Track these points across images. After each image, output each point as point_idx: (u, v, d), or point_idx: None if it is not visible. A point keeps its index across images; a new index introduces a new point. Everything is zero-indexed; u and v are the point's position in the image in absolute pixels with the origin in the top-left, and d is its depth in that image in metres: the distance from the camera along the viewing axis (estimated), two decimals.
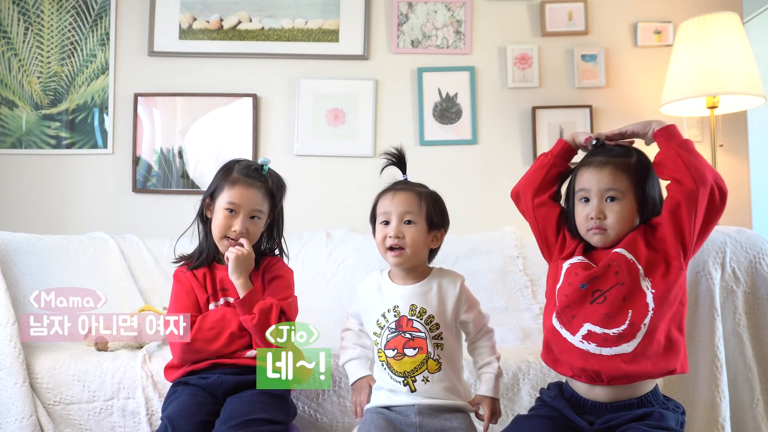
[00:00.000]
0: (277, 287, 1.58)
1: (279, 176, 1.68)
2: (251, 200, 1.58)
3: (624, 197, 1.35)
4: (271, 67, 2.83)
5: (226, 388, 1.48)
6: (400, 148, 1.55)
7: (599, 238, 1.36)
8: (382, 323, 1.45)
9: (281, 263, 1.66)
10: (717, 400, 1.64)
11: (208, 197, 1.63)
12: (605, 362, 1.28)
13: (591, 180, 1.36)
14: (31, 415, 1.64)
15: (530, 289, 2.27)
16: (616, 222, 1.34)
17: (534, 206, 1.48)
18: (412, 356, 1.40)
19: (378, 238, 1.48)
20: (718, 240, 1.72)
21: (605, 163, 1.36)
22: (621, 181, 1.35)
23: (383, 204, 1.49)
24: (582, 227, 1.39)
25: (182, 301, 1.57)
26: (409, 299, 1.45)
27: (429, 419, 1.36)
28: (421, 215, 1.46)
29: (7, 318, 1.71)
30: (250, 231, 1.59)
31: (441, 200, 1.53)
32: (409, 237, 1.44)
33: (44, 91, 2.82)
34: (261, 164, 1.63)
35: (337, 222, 2.63)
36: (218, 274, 1.60)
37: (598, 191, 1.35)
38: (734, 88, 2.41)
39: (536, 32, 2.84)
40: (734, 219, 2.72)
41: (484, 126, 2.81)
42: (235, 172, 1.60)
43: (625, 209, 1.35)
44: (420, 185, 1.52)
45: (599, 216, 1.34)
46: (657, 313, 1.28)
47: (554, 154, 1.48)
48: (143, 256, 2.40)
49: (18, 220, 2.70)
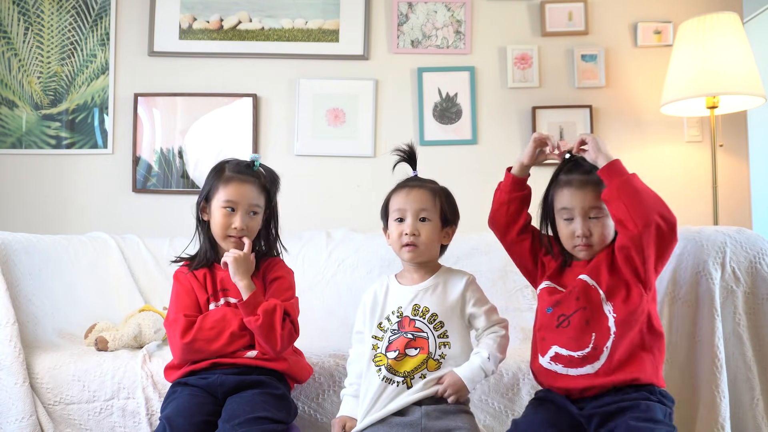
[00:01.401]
0: (278, 288, 1.58)
1: (271, 170, 1.68)
2: (248, 195, 1.58)
3: (606, 213, 1.40)
4: (271, 67, 2.83)
5: (226, 388, 1.48)
6: (411, 144, 1.57)
7: (586, 253, 1.42)
8: (385, 326, 1.45)
9: (281, 263, 1.66)
10: (717, 400, 1.64)
11: (203, 200, 1.63)
12: (572, 381, 1.36)
13: (574, 200, 1.41)
14: (31, 415, 1.64)
15: (530, 289, 2.27)
16: (600, 237, 1.41)
17: (507, 245, 1.55)
18: (413, 356, 1.40)
19: (393, 235, 1.48)
20: (718, 240, 1.72)
21: (585, 182, 1.41)
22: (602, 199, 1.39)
23: (397, 200, 1.49)
24: (567, 244, 1.44)
25: (183, 301, 1.57)
26: (412, 300, 1.45)
27: (434, 420, 1.36)
28: (436, 212, 1.47)
29: (7, 318, 1.71)
30: (250, 227, 1.58)
31: (452, 196, 1.54)
32: (424, 234, 1.45)
33: (44, 91, 2.82)
34: (252, 160, 1.63)
35: (337, 222, 2.63)
36: (219, 275, 1.60)
37: (582, 210, 1.41)
38: (734, 88, 2.41)
39: (536, 32, 2.84)
40: (734, 219, 2.73)
41: (484, 126, 2.81)
42: (228, 171, 1.60)
43: (608, 224, 1.41)
44: (432, 181, 1.53)
45: (586, 234, 1.40)
46: (618, 336, 1.34)
47: (507, 190, 1.51)
48: (143, 256, 2.40)
49: (18, 220, 2.70)
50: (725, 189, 2.70)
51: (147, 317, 1.94)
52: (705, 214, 2.72)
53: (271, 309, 1.48)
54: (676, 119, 2.76)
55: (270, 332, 1.46)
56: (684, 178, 2.77)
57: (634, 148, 2.78)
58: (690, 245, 1.73)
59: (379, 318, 1.47)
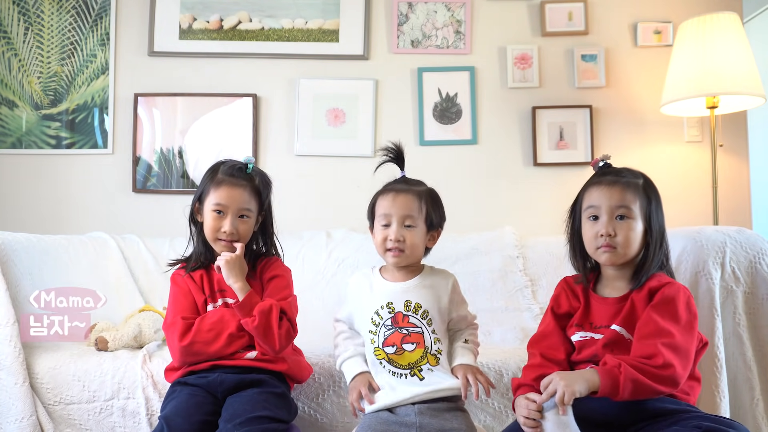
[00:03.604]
0: (276, 287, 1.58)
1: (264, 174, 1.67)
2: (237, 200, 1.57)
3: (633, 217, 1.35)
4: (271, 67, 2.83)
5: (226, 387, 1.48)
6: (398, 144, 1.56)
7: (608, 256, 1.36)
8: (377, 320, 1.46)
9: (278, 262, 1.66)
10: (717, 400, 1.64)
11: (197, 201, 1.63)
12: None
13: (601, 197, 1.36)
14: (31, 415, 1.64)
15: (530, 289, 2.27)
16: (625, 240, 1.34)
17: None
18: (411, 351, 1.42)
19: (378, 239, 1.48)
20: (718, 240, 1.72)
21: (615, 182, 1.36)
22: (631, 200, 1.35)
23: (383, 205, 1.49)
24: (590, 245, 1.39)
25: (180, 303, 1.57)
26: (403, 295, 1.46)
27: (429, 419, 1.36)
28: (421, 218, 1.47)
29: (7, 318, 1.71)
30: (240, 231, 1.58)
31: (439, 198, 1.54)
32: (409, 240, 1.45)
33: (44, 91, 2.82)
34: (245, 163, 1.63)
35: (337, 222, 2.63)
36: (215, 276, 1.60)
37: (609, 208, 1.35)
38: (734, 88, 2.41)
39: (536, 32, 2.84)
40: (734, 219, 2.72)
41: (484, 126, 2.81)
42: (220, 173, 1.60)
43: (634, 229, 1.35)
44: (418, 183, 1.53)
45: (609, 233, 1.34)
46: None
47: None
48: (143, 256, 2.40)
49: (18, 220, 2.70)
50: (725, 189, 2.70)
51: (147, 317, 1.94)
52: (705, 214, 2.72)
53: (267, 309, 1.48)
54: (676, 119, 2.76)
55: (267, 332, 1.46)
56: (684, 178, 2.77)
57: (634, 148, 2.78)
58: (690, 245, 1.73)
59: (369, 312, 1.48)
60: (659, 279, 1.34)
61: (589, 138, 2.76)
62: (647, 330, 1.27)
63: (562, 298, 1.46)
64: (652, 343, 1.24)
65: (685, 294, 1.32)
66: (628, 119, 2.80)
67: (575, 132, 2.77)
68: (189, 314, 1.54)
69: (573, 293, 1.45)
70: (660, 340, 1.24)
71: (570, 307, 1.44)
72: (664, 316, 1.27)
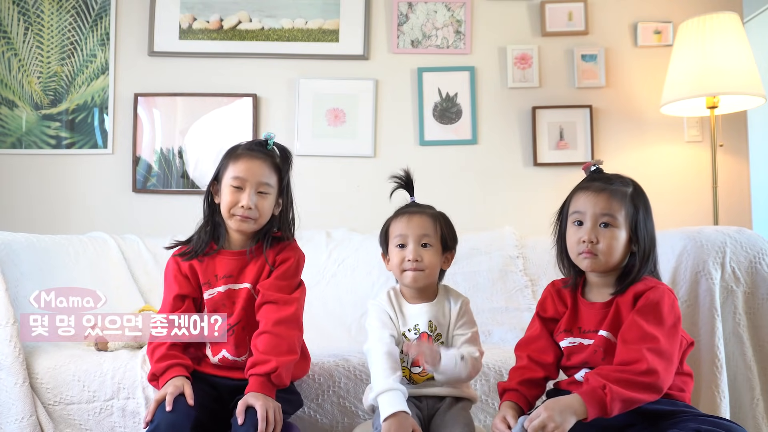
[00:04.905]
0: (284, 274, 1.53)
1: (284, 148, 1.61)
2: (257, 173, 1.50)
3: (617, 225, 1.34)
4: (271, 67, 2.83)
5: (229, 388, 1.49)
6: (407, 170, 1.56)
7: (588, 262, 1.35)
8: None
9: (293, 246, 1.58)
10: (717, 400, 1.64)
11: (214, 180, 1.57)
12: None
13: (587, 203, 1.36)
14: (31, 415, 1.64)
15: (530, 289, 2.27)
16: (607, 248, 1.33)
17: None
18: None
19: (395, 261, 1.47)
20: (718, 240, 1.72)
21: (603, 189, 1.36)
22: (616, 208, 1.34)
23: (398, 227, 1.48)
24: (573, 250, 1.39)
25: (170, 287, 1.56)
26: (426, 316, 1.46)
27: (429, 417, 1.38)
28: (437, 238, 1.48)
29: (7, 318, 1.71)
30: (259, 207, 1.50)
31: (451, 222, 1.54)
32: (426, 259, 1.45)
33: (44, 91, 2.82)
34: (265, 138, 1.58)
35: (337, 222, 2.63)
36: (212, 262, 1.54)
37: (593, 215, 1.34)
38: (734, 88, 2.41)
39: (536, 32, 2.84)
40: (734, 219, 2.72)
41: (484, 126, 2.81)
42: (240, 149, 1.55)
43: (617, 237, 1.34)
44: (430, 207, 1.53)
45: (592, 240, 1.34)
46: None
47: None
48: (143, 256, 2.40)
49: (18, 220, 2.70)
50: (725, 189, 2.70)
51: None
52: (705, 214, 2.72)
53: (273, 370, 1.41)
54: (676, 119, 2.76)
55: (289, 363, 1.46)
56: (684, 178, 2.77)
57: (634, 148, 2.78)
58: (690, 245, 1.73)
59: (398, 335, 1.46)
60: (645, 282, 1.34)
61: (589, 138, 2.76)
62: (632, 335, 1.27)
63: (548, 303, 1.46)
64: (637, 348, 1.24)
65: (670, 297, 1.32)
66: (628, 119, 2.80)
67: (575, 132, 2.77)
68: (175, 308, 1.53)
69: (560, 297, 1.45)
70: (645, 345, 1.24)
71: (555, 311, 1.44)
72: (648, 320, 1.27)
